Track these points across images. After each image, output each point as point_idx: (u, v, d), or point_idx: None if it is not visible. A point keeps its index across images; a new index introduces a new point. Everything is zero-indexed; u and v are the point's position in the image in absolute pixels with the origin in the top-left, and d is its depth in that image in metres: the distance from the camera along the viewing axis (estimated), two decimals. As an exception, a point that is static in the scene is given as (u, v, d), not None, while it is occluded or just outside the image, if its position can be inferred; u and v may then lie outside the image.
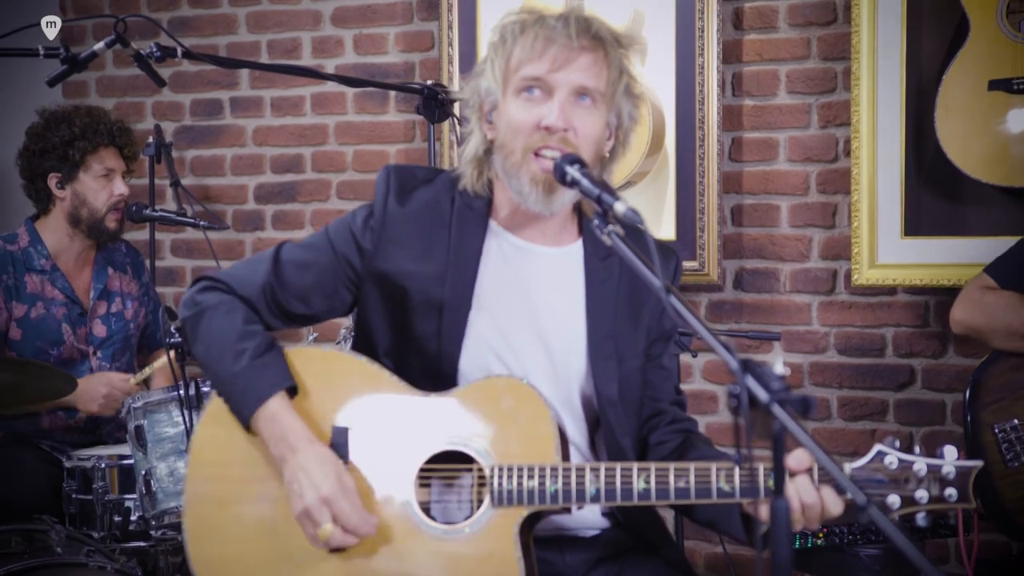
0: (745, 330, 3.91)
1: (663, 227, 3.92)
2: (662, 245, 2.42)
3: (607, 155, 2.36)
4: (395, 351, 2.37)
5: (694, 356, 3.92)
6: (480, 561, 2.21)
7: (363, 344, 2.42)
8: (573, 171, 2.25)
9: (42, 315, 3.74)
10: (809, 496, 2.09)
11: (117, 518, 3.32)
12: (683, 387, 3.91)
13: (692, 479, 2.16)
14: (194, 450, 2.33)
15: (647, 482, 2.18)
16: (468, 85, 2.37)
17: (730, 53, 3.91)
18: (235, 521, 2.28)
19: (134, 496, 3.29)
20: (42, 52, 2.83)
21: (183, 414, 3.08)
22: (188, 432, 3.03)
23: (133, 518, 3.30)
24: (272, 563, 2.25)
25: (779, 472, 1.77)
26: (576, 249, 2.41)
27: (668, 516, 3.88)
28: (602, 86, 2.28)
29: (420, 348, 2.35)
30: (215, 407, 2.33)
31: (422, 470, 2.27)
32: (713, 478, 2.16)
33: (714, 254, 3.90)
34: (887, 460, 2.13)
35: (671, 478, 2.17)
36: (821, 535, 3.02)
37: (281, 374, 2.28)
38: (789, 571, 1.71)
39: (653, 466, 2.19)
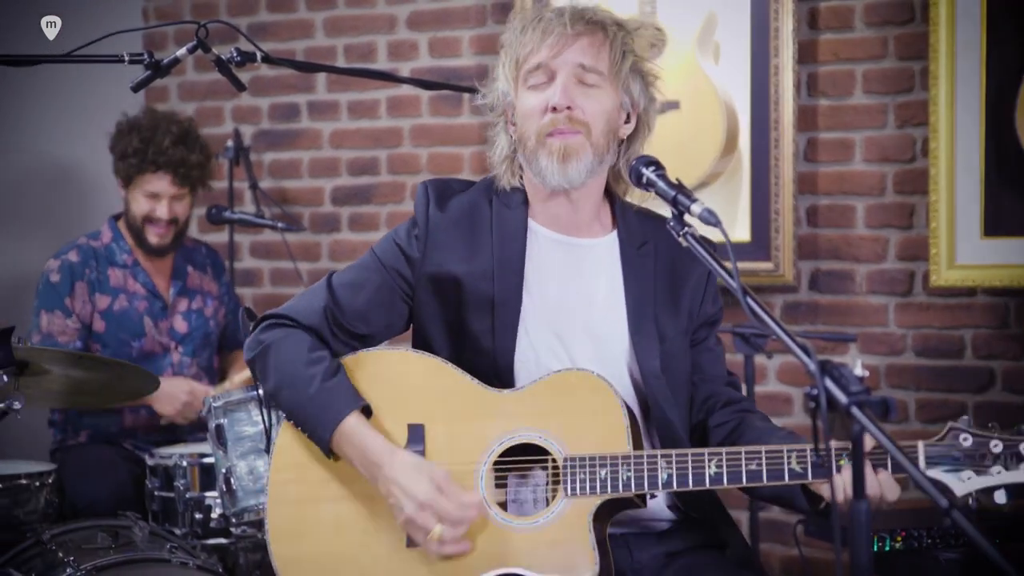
0: (820, 332, 3.88)
1: (737, 228, 3.91)
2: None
3: (625, 137, 2.45)
4: (452, 353, 2.43)
5: (769, 358, 3.90)
6: (555, 551, 2.24)
7: (420, 346, 2.48)
8: (648, 173, 2.30)
9: (124, 308, 3.84)
10: (870, 485, 2.12)
11: (198, 515, 3.37)
12: (757, 389, 3.91)
13: (764, 462, 2.20)
14: (275, 455, 2.39)
15: (719, 466, 2.22)
16: (489, 92, 2.50)
17: (805, 53, 3.89)
18: (316, 520, 2.33)
19: (215, 494, 3.35)
20: (127, 58, 2.89)
21: (262, 413, 3.12)
22: (267, 431, 3.06)
23: (214, 515, 3.36)
24: (353, 558, 2.30)
25: (858, 475, 1.76)
26: (612, 239, 2.49)
27: (743, 518, 3.86)
28: (603, 66, 2.38)
29: (476, 346, 2.41)
30: (288, 433, 2.40)
31: (496, 464, 2.31)
32: (785, 460, 2.19)
33: (789, 255, 3.88)
34: (961, 437, 2.14)
35: (743, 461, 2.21)
36: (899, 539, 2.99)
37: (351, 395, 2.33)
38: (869, 574, 1.71)
39: (724, 451, 2.23)
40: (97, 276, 3.83)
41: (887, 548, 3.02)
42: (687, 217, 2.22)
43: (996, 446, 2.13)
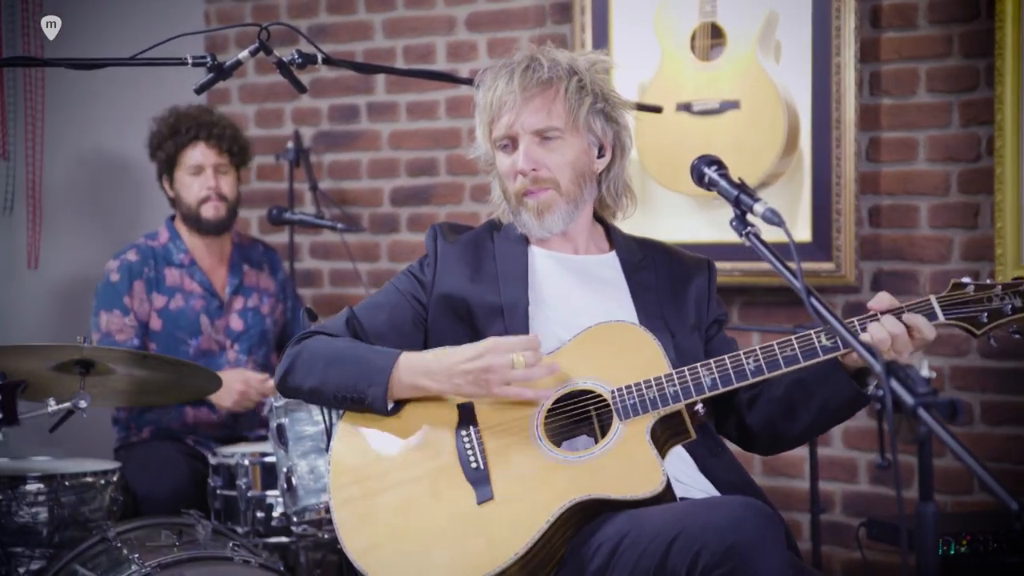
0: (883, 333, 3.84)
1: (798, 229, 3.88)
2: (693, 256, 2.69)
3: (600, 170, 2.60)
4: None
5: (830, 359, 3.86)
6: (621, 469, 2.32)
7: None
8: (711, 172, 2.32)
9: (181, 307, 3.89)
10: (894, 326, 2.32)
11: (260, 514, 3.40)
12: (819, 390, 3.87)
13: (796, 344, 2.33)
14: (334, 463, 2.47)
15: (756, 360, 2.35)
16: (474, 146, 2.67)
17: (868, 51, 3.85)
18: (382, 508, 2.40)
19: (276, 493, 3.37)
20: (190, 61, 2.92)
21: (323, 413, 3.14)
22: (328, 431, 3.09)
23: (275, 514, 3.38)
24: (426, 529, 2.35)
25: (925, 476, 1.74)
26: (611, 258, 2.65)
27: (804, 521, 3.83)
28: (559, 121, 2.52)
29: None
30: (345, 426, 2.50)
31: (548, 419, 2.41)
32: (815, 339, 2.33)
33: (851, 255, 3.85)
34: (967, 288, 2.39)
35: (777, 350, 2.34)
36: (965, 542, 2.96)
37: (394, 351, 2.47)
38: (936, 577, 1.69)
39: (758, 347, 2.36)
40: (155, 275, 3.89)
41: (952, 552, 2.99)
42: (749, 217, 2.23)
43: (998, 290, 2.38)
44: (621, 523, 2.24)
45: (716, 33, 3.92)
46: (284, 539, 3.39)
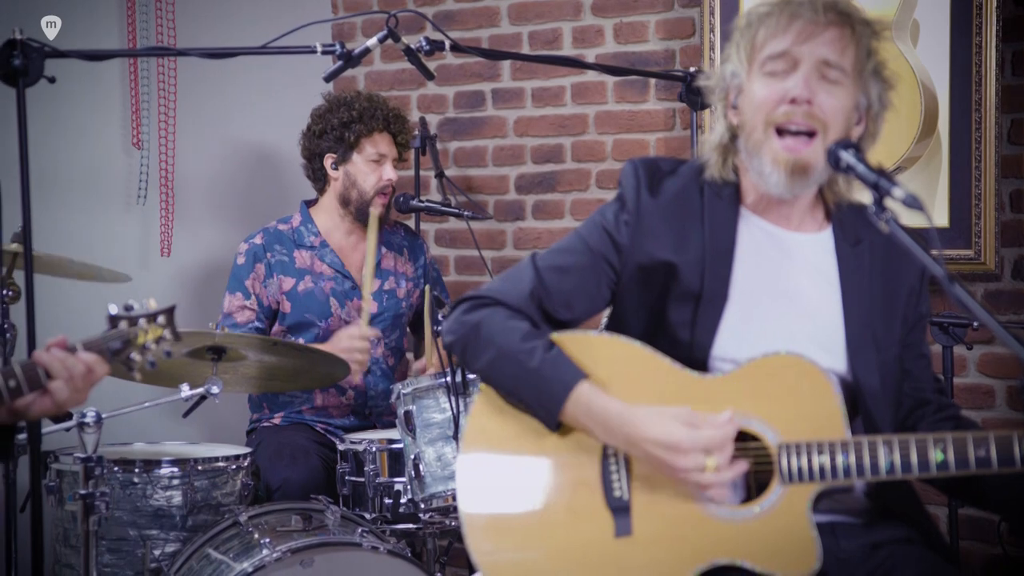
0: (1025, 321, 3.72)
1: (936, 214, 3.76)
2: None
3: (855, 140, 2.30)
4: (648, 335, 2.35)
5: (969, 348, 3.74)
6: (775, 541, 2.18)
7: (614, 328, 2.42)
8: (847, 156, 2.23)
9: (310, 289, 3.92)
10: None
11: (387, 500, 3.41)
12: (956, 381, 3.76)
13: (992, 447, 2.11)
14: (466, 441, 2.33)
15: (944, 452, 2.13)
16: (714, 74, 2.38)
17: (1010, 30, 3.71)
18: (515, 513, 2.27)
19: (403, 479, 3.38)
20: (320, 49, 2.93)
21: (451, 401, 3.14)
22: (456, 419, 3.08)
23: (402, 501, 3.39)
24: (552, 555, 2.24)
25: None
26: (827, 236, 2.39)
27: (941, 514, 3.72)
28: (848, 63, 2.26)
29: (673, 335, 2.34)
30: (482, 400, 2.34)
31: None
32: (1015, 444, 2.10)
33: (991, 241, 3.72)
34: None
35: (970, 447, 2.12)
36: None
37: (576, 365, 2.26)
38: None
39: (949, 436, 2.14)
40: (281, 258, 3.92)
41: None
42: (887, 202, 2.15)
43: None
44: None
45: (850, 14, 3.83)
46: (411, 526, 3.39)
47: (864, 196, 2.21)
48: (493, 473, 2.30)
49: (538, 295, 2.35)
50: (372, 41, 2.97)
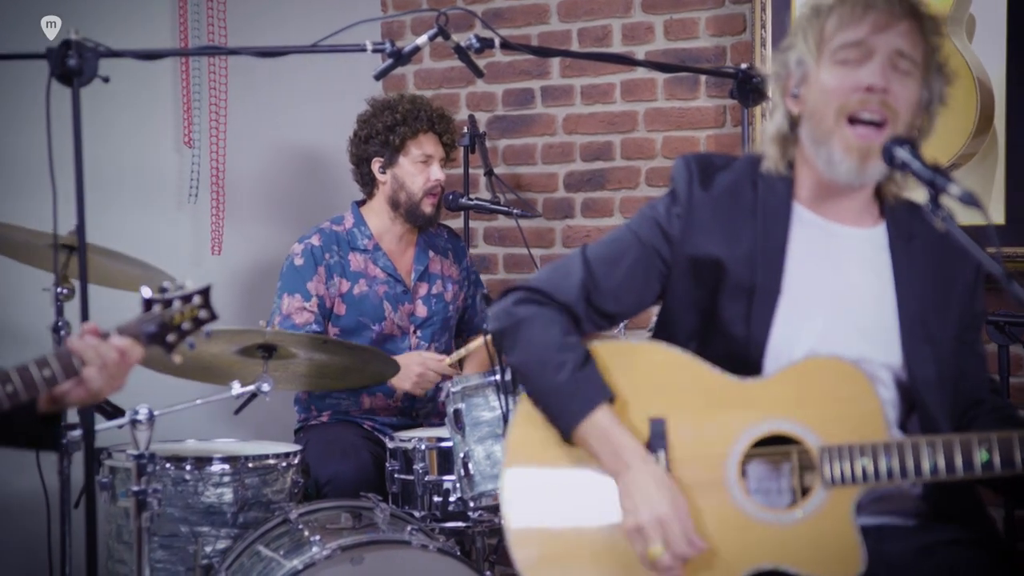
0: (1084, 321, 3.66)
1: (991, 211, 3.72)
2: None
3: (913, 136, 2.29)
4: (700, 333, 2.35)
5: (1025, 348, 3.70)
6: (818, 545, 2.17)
7: (665, 327, 2.41)
8: (903, 153, 2.22)
9: (364, 292, 3.92)
10: None
11: (436, 498, 3.41)
12: (1012, 380, 3.71)
13: None
14: (509, 451, 2.34)
15: (989, 452, 2.11)
16: (775, 61, 2.35)
17: (1068, 24, 3.66)
18: (555, 518, 2.28)
19: (452, 478, 3.38)
20: (370, 47, 2.93)
21: (500, 399, 3.13)
22: (505, 417, 3.08)
23: (452, 499, 3.38)
24: (594, 561, 2.25)
25: None
26: (880, 231, 2.37)
27: (997, 516, 3.67)
28: (919, 55, 2.26)
29: (726, 331, 2.32)
30: (525, 409, 2.34)
31: (745, 456, 2.24)
32: None
33: (1049, 240, 3.68)
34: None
35: (1016, 447, 2.10)
36: None
37: (601, 385, 2.27)
38: None
39: (994, 436, 2.12)
40: (338, 260, 3.92)
41: None
42: (943, 199, 2.12)
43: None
44: None
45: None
46: (460, 524, 3.39)
47: (918, 193, 2.19)
48: (536, 484, 2.31)
49: (587, 287, 2.35)
50: (422, 39, 2.97)
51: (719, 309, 2.32)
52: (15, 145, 3.87)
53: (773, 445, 2.25)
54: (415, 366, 3.79)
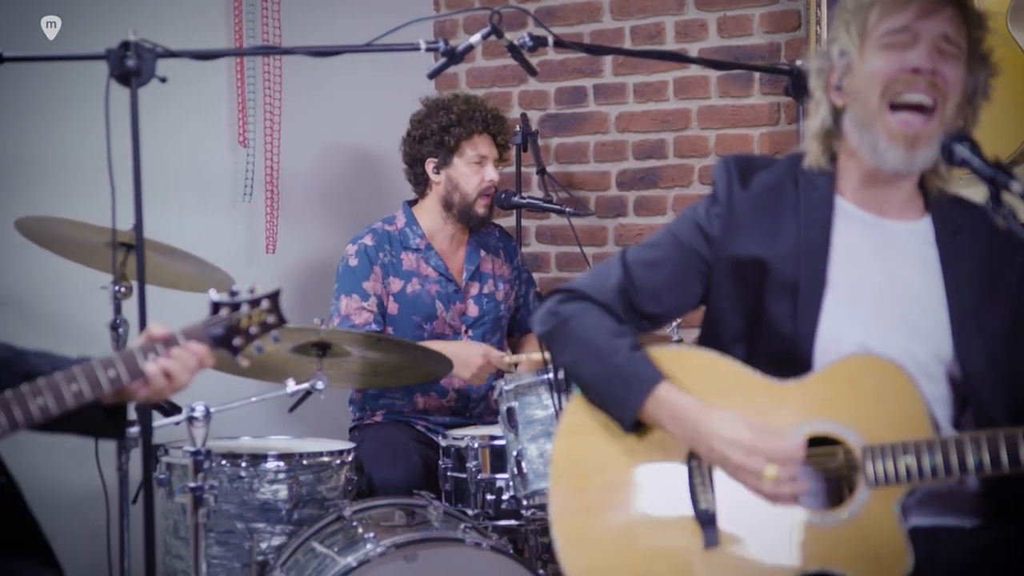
0: None
1: (1050, 209, 3.67)
2: (1016, 230, 2.30)
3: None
4: (747, 335, 2.34)
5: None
6: (864, 545, 2.15)
7: (711, 331, 2.40)
8: (962, 150, 2.19)
9: (417, 291, 3.92)
10: None
11: (489, 497, 3.41)
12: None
13: None
14: (555, 463, 2.35)
15: None
16: (817, 56, 2.35)
17: None
18: (602, 528, 2.28)
19: (506, 476, 3.38)
20: (423, 46, 2.94)
21: (552, 397, 3.13)
22: (558, 415, 3.07)
23: (505, 497, 3.38)
24: (644, 567, 2.24)
25: None
26: (925, 225, 2.35)
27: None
28: (963, 42, 2.25)
29: (773, 330, 2.31)
30: (569, 420, 2.35)
31: None
32: None
33: (1109, 237, 3.62)
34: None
35: None
36: None
37: (657, 368, 2.27)
38: None
39: None
40: (391, 260, 3.92)
41: None
42: (1004, 196, 2.10)
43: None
44: None
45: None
46: (513, 522, 3.39)
47: (977, 191, 2.17)
48: (582, 488, 2.30)
49: (625, 290, 2.36)
50: (476, 37, 2.97)
51: (765, 309, 2.31)
52: (74, 145, 3.91)
53: (815, 447, 2.23)
54: (478, 356, 3.77)
